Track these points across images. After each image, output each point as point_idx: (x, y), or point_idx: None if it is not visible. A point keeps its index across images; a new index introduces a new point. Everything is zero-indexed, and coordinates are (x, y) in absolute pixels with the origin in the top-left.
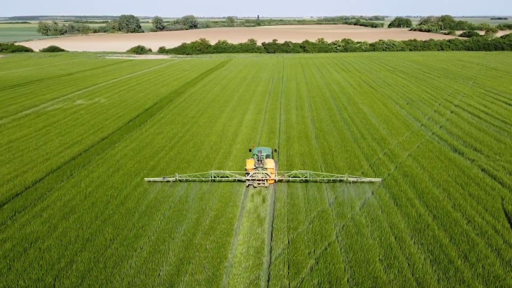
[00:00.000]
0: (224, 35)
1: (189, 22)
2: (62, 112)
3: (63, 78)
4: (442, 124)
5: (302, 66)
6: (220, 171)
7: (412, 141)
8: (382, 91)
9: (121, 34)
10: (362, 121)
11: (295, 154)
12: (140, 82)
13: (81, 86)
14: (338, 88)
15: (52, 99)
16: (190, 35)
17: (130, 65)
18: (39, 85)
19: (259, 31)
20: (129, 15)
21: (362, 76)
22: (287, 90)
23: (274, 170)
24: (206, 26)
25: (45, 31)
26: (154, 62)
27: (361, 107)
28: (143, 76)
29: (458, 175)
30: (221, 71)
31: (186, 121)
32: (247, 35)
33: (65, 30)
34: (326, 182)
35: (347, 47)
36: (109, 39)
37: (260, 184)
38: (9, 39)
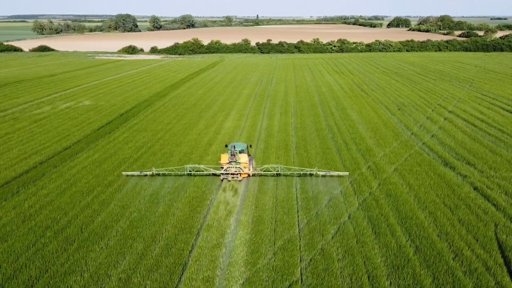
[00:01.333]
0: (221, 35)
1: (186, 21)
2: (30, 118)
3: (44, 80)
4: (434, 133)
5: (294, 67)
6: (196, 165)
7: (400, 152)
8: (374, 95)
9: (116, 34)
10: (349, 129)
11: None
12: (123, 84)
13: (60, 89)
14: (328, 91)
15: (25, 103)
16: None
17: (117, 66)
18: (16, 87)
19: (256, 31)
20: (125, 14)
21: (355, 78)
22: (274, 94)
23: (248, 165)
24: (204, 26)
25: (40, 30)
26: (143, 62)
27: (350, 113)
28: (128, 78)
29: (448, 194)
30: (209, 73)
31: (160, 128)
32: (244, 35)
33: (60, 29)
34: (297, 176)
35: (343, 48)
36: (103, 39)
37: (234, 178)
38: (2, 38)
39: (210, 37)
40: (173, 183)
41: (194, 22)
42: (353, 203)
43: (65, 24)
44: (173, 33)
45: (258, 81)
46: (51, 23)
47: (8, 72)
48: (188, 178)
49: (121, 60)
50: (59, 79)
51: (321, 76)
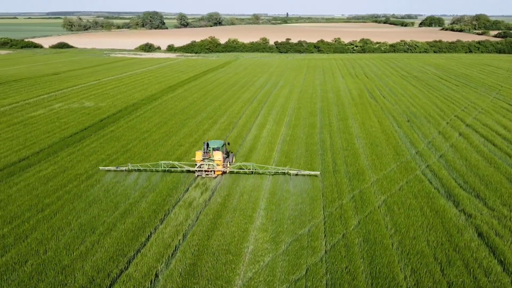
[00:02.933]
0: (244, 33)
1: (213, 19)
2: (6, 121)
3: (43, 79)
4: (443, 153)
5: (307, 68)
6: (170, 162)
7: (395, 178)
8: (384, 102)
9: (140, 31)
10: (344, 145)
11: (238, 193)
12: (120, 85)
13: (54, 88)
14: (334, 97)
15: (10, 104)
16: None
17: (126, 65)
18: (10, 87)
19: (279, 30)
20: (152, 11)
21: (368, 82)
22: (274, 99)
23: (222, 162)
24: (231, 23)
25: (69, 26)
26: (154, 61)
27: (350, 124)
28: (129, 78)
29: (442, 243)
30: (216, 73)
31: (135, 137)
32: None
33: (89, 26)
34: (268, 175)
35: (365, 48)
36: (126, 36)
37: (208, 175)
38: (29, 34)
39: (234, 35)
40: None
41: (221, 20)
42: (317, 250)
43: (94, 21)
44: (197, 31)
45: (263, 83)
46: (80, 20)
47: (14, 70)
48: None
49: (133, 59)
50: (59, 78)
51: (333, 79)
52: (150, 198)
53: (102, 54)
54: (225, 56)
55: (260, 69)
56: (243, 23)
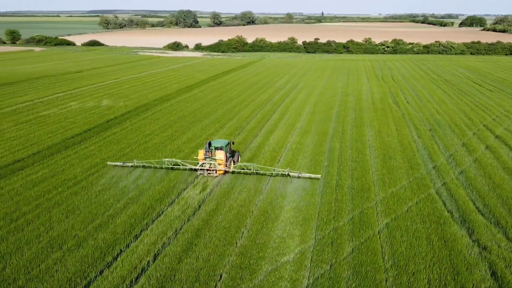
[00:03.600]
0: (277, 32)
1: (246, 18)
2: (13, 120)
3: (66, 76)
4: (464, 168)
5: (332, 70)
6: (173, 160)
7: (405, 197)
8: (406, 108)
9: (173, 29)
10: (353, 156)
11: (226, 207)
12: (138, 84)
13: (72, 87)
14: (354, 101)
15: (24, 102)
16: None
17: (150, 63)
18: (30, 84)
19: (310, 29)
20: (186, 10)
21: (394, 85)
22: (289, 102)
23: (223, 161)
24: (264, 22)
25: (106, 24)
26: (179, 60)
27: (365, 132)
28: (149, 77)
29: (447, 283)
30: (237, 73)
31: (136, 140)
32: (300, 32)
33: (124, 24)
34: (269, 176)
35: (397, 49)
36: (157, 34)
37: (210, 174)
38: (65, 31)
39: (265, 34)
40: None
41: (254, 19)
42: (297, 284)
43: (129, 19)
44: (228, 29)
45: (282, 85)
46: (116, 18)
47: (40, 67)
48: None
49: (159, 57)
50: (80, 76)
51: (356, 81)
52: (130, 210)
53: (130, 52)
54: (251, 56)
55: (283, 69)
56: (276, 22)
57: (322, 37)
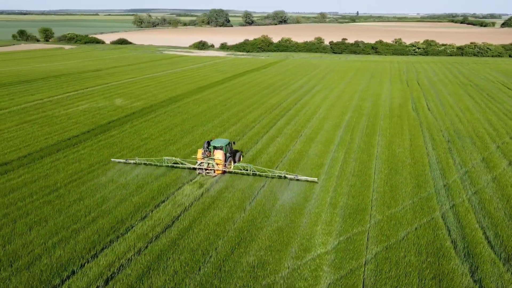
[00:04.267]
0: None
1: (278, 17)
2: (16, 120)
3: (83, 75)
4: (479, 188)
5: (355, 71)
6: (173, 158)
7: (404, 221)
8: (426, 116)
9: (204, 28)
10: (356, 169)
11: (202, 224)
12: (151, 84)
13: (85, 86)
14: (371, 107)
15: (33, 101)
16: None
17: (172, 62)
18: (46, 83)
19: (345, 28)
20: (218, 9)
21: (418, 90)
22: (301, 107)
23: (222, 161)
24: (296, 22)
25: (139, 23)
26: (200, 59)
27: (375, 142)
28: (164, 77)
29: None
30: (255, 74)
31: (130, 144)
32: (331, 32)
33: (157, 23)
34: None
35: (428, 50)
36: (185, 33)
37: (208, 174)
38: (99, 30)
39: (295, 34)
40: None
41: (286, 18)
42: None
43: (162, 18)
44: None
45: (298, 87)
46: (149, 17)
47: (61, 65)
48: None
49: (182, 56)
50: (97, 75)
51: (379, 84)
52: (97, 225)
53: (155, 51)
54: (275, 56)
55: (304, 70)
56: (309, 21)
57: (353, 37)
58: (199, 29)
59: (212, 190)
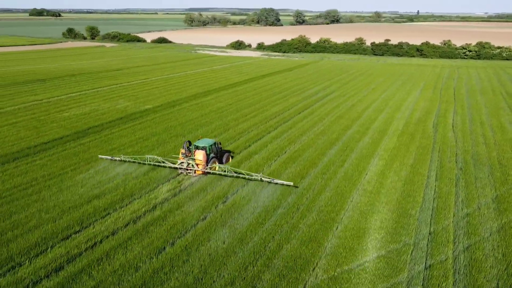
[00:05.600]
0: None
1: (330, 16)
2: (4, 121)
3: (102, 74)
4: (475, 241)
5: (387, 76)
6: (155, 157)
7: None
8: (445, 134)
9: (252, 27)
10: (322, 205)
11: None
12: (162, 85)
13: (95, 86)
14: (383, 120)
15: (33, 101)
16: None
17: (198, 63)
18: (61, 81)
19: (397, 29)
20: (269, 8)
21: (449, 101)
22: (303, 117)
23: (202, 162)
24: (349, 21)
25: (190, 22)
26: (230, 59)
27: (365, 167)
28: (179, 78)
29: None
30: (277, 77)
31: (110, 148)
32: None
33: (207, 22)
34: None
35: (481, 53)
36: (228, 32)
37: (189, 173)
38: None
39: (344, 33)
40: None
41: (339, 18)
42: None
43: (212, 17)
44: (305, 28)
45: (314, 93)
46: (200, 16)
47: (88, 64)
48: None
49: (213, 56)
50: (114, 75)
51: (406, 92)
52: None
53: (190, 50)
54: (309, 57)
55: (331, 74)
56: (363, 20)
57: (404, 37)
58: (246, 28)
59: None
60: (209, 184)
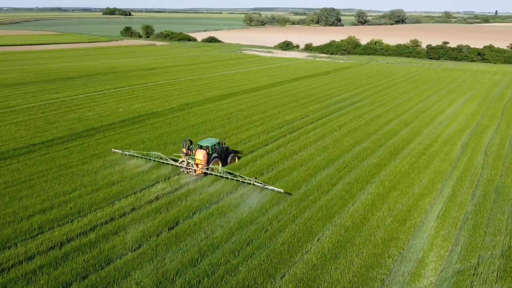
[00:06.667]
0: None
1: (395, 16)
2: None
3: (132, 73)
4: None
5: (434, 83)
6: (159, 154)
7: None
8: (472, 157)
9: (309, 27)
10: (276, 249)
11: None
12: (181, 87)
13: (119, 85)
14: (404, 136)
15: (48, 100)
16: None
17: (235, 63)
18: (87, 80)
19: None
20: (330, 8)
21: (493, 116)
22: (313, 128)
23: (202, 162)
24: (416, 21)
25: (249, 21)
26: (270, 60)
27: (357, 193)
28: (206, 79)
29: None
30: (307, 81)
31: (77, 160)
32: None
33: (266, 21)
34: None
35: None
36: (281, 32)
37: (190, 172)
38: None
39: (408, 35)
40: None
41: (404, 18)
42: None
43: (271, 17)
44: (368, 29)
45: (340, 100)
46: (259, 16)
47: (123, 62)
48: None
49: (256, 56)
50: (140, 75)
51: (445, 104)
52: None
53: (235, 50)
54: (356, 59)
55: (369, 79)
56: (432, 21)
57: (471, 39)
58: (302, 28)
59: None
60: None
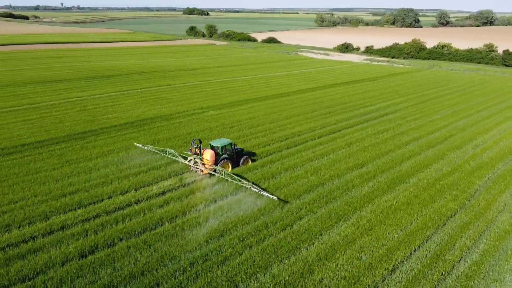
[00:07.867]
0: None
1: (483, 17)
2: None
3: (167, 74)
4: None
5: (493, 95)
6: (172, 151)
7: None
8: (494, 198)
9: (383, 29)
10: None
11: None
12: (206, 90)
13: (143, 86)
14: (422, 159)
15: (67, 98)
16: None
17: (281, 66)
18: (119, 79)
19: None
20: (408, 8)
21: None
22: (318, 143)
23: (209, 162)
24: (507, 23)
25: (321, 22)
26: (320, 63)
27: (323, 232)
28: (236, 82)
29: None
30: (346, 87)
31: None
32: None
33: (338, 22)
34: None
35: None
36: (351, 33)
37: (197, 171)
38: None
39: (495, 38)
40: None
41: (493, 19)
42: None
43: (344, 17)
44: (448, 31)
45: (369, 111)
46: (331, 16)
47: (170, 61)
48: None
49: (307, 59)
50: (175, 75)
51: (495, 122)
52: None
53: (291, 51)
54: (417, 64)
55: (417, 88)
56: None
57: None
58: (373, 30)
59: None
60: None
